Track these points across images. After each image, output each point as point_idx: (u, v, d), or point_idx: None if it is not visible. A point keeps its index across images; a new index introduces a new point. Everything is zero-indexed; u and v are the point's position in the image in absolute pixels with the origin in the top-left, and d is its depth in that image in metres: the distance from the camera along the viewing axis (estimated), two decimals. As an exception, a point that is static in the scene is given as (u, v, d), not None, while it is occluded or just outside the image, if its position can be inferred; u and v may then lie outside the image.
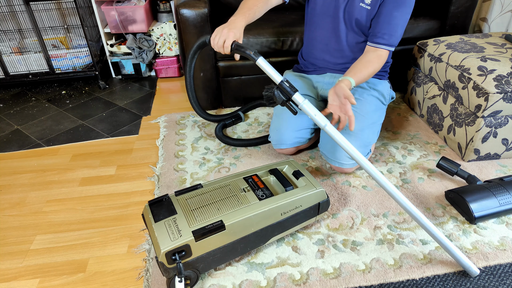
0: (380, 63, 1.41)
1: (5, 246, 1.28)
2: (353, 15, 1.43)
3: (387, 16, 1.37)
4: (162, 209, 1.08)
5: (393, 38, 1.39)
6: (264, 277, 1.13)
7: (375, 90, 1.54)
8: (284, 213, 1.13)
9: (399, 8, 1.35)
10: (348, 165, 1.45)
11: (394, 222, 1.31)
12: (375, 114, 1.50)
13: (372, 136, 1.48)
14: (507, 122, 1.46)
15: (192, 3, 1.72)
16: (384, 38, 1.38)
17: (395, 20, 1.36)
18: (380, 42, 1.39)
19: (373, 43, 1.41)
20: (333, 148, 1.45)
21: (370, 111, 1.48)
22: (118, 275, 1.16)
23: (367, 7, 1.40)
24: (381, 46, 1.39)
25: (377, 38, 1.39)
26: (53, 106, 2.18)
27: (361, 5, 1.40)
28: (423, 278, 1.11)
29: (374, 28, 1.40)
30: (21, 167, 1.66)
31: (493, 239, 1.23)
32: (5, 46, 2.27)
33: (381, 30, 1.38)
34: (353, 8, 1.42)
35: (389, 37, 1.38)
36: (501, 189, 1.29)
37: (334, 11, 1.47)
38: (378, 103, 1.53)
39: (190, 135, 1.83)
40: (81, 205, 1.44)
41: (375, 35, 1.40)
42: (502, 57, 1.51)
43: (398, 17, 1.36)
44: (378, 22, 1.38)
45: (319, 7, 1.50)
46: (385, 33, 1.38)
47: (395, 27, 1.37)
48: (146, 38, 2.35)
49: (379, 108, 1.54)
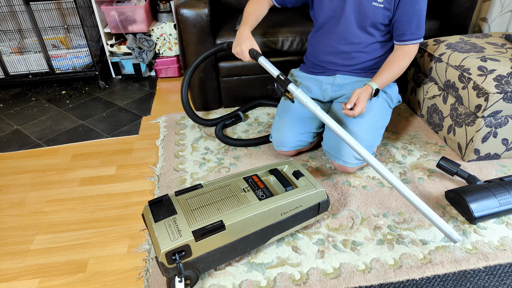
0: (408, 58, 1.41)
1: (5, 246, 1.28)
2: (367, 16, 1.38)
3: (409, 13, 1.34)
4: (162, 209, 1.08)
5: (419, 30, 1.37)
6: (264, 277, 1.13)
7: (384, 93, 1.50)
8: (284, 213, 1.13)
9: (419, 1, 1.33)
10: (352, 164, 1.44)
11: (394, 222, 1.31)
12: (382, 118, 1.49)
13: (376, 138, 1.47)
14: (507, 122, 1.46)
15: (192, 3, 1.72)
16: (412, 34, 1.37)
17: (419, 14, 1.34)
18: (407, 39, 1.38)
19: (401, 42, 1.40)
20: (337, 146, 1.44)
21: (378, 115, 1.46)
22: (118, 275, 1.16)
23: (380, 5, 1.35)
24: (408, 43, 1.39)
25: (404, 36, 1.38)
26: (53, 106, 2.18)
27: (373, 5, 1.36)
28: (423, 278, 1.11)
29: (398, 28, 1.38)
30: (21, 167, 1.66)
31: (493, 239, 1.23)
32: (5, 46, 2.27)
33: (407, 29, 1.36)
34: (365, 9, 1.38)
35: (416, 31, 1.37)
36: (501, 189, 1.29)
37: (342, 14, 1.42)
38: (386, 107, 1.51)
39: (190, 135, 1.83)
40: (81, 205, 1.44)
41: (401, 35, 1.39)
42: (502, 57, 1.51)
43: (420, 9, 1.34)
44: (402, 21, 1.36)
45: (325, 11, 1.45)
46: (412, 29, 1.36)
47: (420, 20, 1.35)
48: (146, 38, 2.35)
49: (386, 113, 1.52)
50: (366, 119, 1.43)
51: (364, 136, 1.41)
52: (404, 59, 1.41)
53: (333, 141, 1.46)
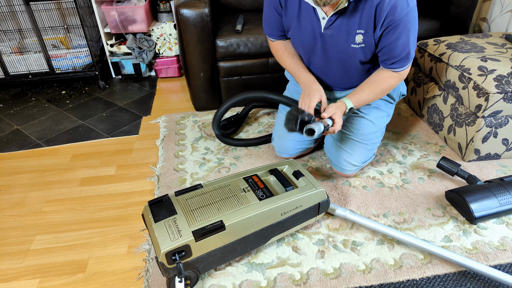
0: (398, 79, 1.30)
1: (5, 246, 1.27)
2: (346, 58, 1.29)
3: (394, 43, 1.20)
4: (162, 209, 1.08)
5: (407, 58, 1.24)
6: (264, 277, 1.13)
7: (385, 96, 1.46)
8: (284, 213, 1.13)
9: (404, 30, 1.17)
10: (349, 171, 1.45)
11: (394, 222, 1.31)
12: (383, 119, 1.47)
13: (378, 140, 1.47)
14: (507, 122, 1.46)
15: (192, 3, 1.72)
16: (396, 63, 1.25)
17: (405, 41, 1.20)
18: (393, 68, 1.27)
19: (385, 68, 1.29)
20: (336, 153, 1.44)
21: (379, 117, 1.45)
22: (118, 275, 1.16)
23: (360, 45, 1.24)
24: (396, 70, 1.27)
25: (389, 65, 1.27)
26: (53, 106, 2.18)
27: (352, 46, 1.25)
28: (423, 278, 1.11)
29: (383, 55, 1.26)
30: (21, 167, 1.66)
31: (494, 239, 1.23)
32: (5, 46, 2.27)
33: (391, 57, 1.24)
34: (343, 50, 1.27)
35: (403, 60, 1.24)
36: (501, 189, 1.29)
37: (318, 52, 1.33)
38: (387, 107, 1.48)
39: (190, 135, 1.83)
40: (81, 205, 1.44)
41: (385, 62, 1.27)
42: (502, 57, 1.51)
43: (407, 37, 1.19)
44: (385, 52, 1.23)
45: (301, 46, 1.37)
46: (396, 57, 1.23)
47: (405, 48, 1.21)
48: (146, 38, 2.35)
49: (388, 113, 1.49)
50: (369, 124, 1.42)
51: (367, 139, 1.42)
52: (393, 79, 1.29)
53: (333, 148, 1.46)
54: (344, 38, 1.25)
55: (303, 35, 1.32)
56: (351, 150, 1.41)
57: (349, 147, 1.42)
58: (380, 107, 1.46)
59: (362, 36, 1.22)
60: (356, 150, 1.41)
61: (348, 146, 1.42)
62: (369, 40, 1.23)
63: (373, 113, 1.44)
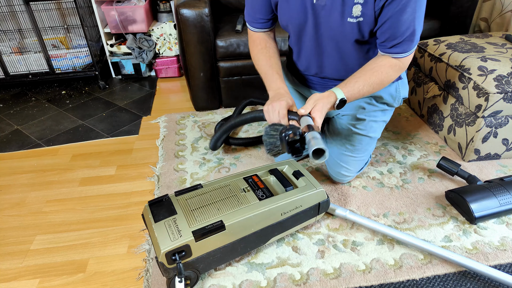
0: (396, 71, 1.13)
1: (5, 246, 1.27)
2: (340, 37, 1.14)
3: (397, 16, 1.03)
4: (162, 209, 1.08)
5: (411, 40, 1.08)
6: (264, 277, 1.13)
7: (382, 104, 1.36)
8: (284, 213, 1.13)
9: (410, 2, 1.01)
10: (344, 180, 1.44)
11: (394, 222, 1.30)
12: (380, 127, 1.39)
13: (374, 146, 1.44)
14: (507, 122, 1.46)
15: (192, 3, 1.72)
16: (398, 45, 1.08)
17: (411, 17, 1.04)
18: (394, 52, 1.11)
19: (383, 52, 1.13)
20: (335, 168, 1.42)
21: (376, 129, 1.38)
22: (118, 275, 1.16)
23: (358, 19, 1.08)
24: (396, 56, 1.12)
25: (389, 48, 1.10)
26: (53, 106, 2.18)
27: (349, 21, 1.09)
28: (423, 278, 1.11)
29: (383, 34, 1.09)
30: (21, 167, 1.66)
31: (494, 239, 1.23)
32: (5, 46, 2.27)
33: (392, 37, 1.07)
34: (337, 27, 1.11)
35: (406, 41, 1.08)
36: (501, 189, 1.29)
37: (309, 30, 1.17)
38: (386, 115, 1.39)
39: (190, 135, 1.83)
40: (81, 205, 1.44)
41: (384, 44, 1.11)
42: (502, 57, 1.50)
43: (414, 11, 1.03)
44: (386, 28, 1.07)
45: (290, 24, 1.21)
46: (399, 37, 1.07)
47: (410, 25, 1.05)
48: (146, 38, 2.35)
49: (386, 120, 1.40)
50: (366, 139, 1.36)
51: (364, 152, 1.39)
52: (393, 68, 1.12)
53: (331, 162, 1.43)
54: (339, 10, 1.08)
55: (291, 9, 1.16)
56: (349, 165, 1.39)
57: (347, 163, 1.39)
58: (377, 118, 1.36)
59: (360, 7, 1.06)
60: (353, 165, 1.40)
61: (346, 162, 1.38)
62: (368, 12, 1.06)
63: (370, 128, 1.36)
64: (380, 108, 1.36)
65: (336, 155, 1.40)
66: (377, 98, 1.35)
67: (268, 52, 1.26)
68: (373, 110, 1.36)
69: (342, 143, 1.38)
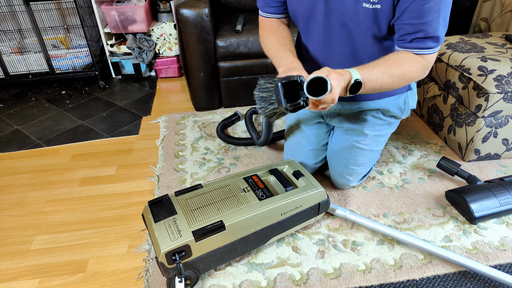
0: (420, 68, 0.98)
1: (5, 246, 1.27)
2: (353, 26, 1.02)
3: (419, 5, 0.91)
4: (162, 209, 1.08)
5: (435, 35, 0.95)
6: (264, 278, 1.13)
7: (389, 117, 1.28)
8: (284, 213, 1.13)
9: None
10: (346, 187, 1.44)
11: (395, 222, 1.30)
12: (383, 141, 1.35)
13: (377, 158, 1.41)
14: (507, 122, 1.46)
15: (192, 3, 1.72)
16: (421, 41, 0.95)
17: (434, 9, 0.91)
18: (414, 47, 0.97)
19: (403, 48, 1.00)
20: (338, 179, 1.40)
21: (380, 142, 1.34)
22: (118, 275, 1.16)
23: (374, 6, 0.96)
24: (418, 52, 0.98)
25: (409, 43, 0.97)
26: (53, 106, 2.18)
27: (364, 6, 0.97)
28: (423, 279, 1.11)
29: (400, 29, 0.97)
30: (21, 167, 1.66)
31: (494, 239, 1.23)
32: (5, 46, 2.27)
33: (414, 29, 0.94)
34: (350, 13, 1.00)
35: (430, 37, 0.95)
36: (501, 189, 1.29)
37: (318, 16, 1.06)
38: (391, 128, 1.33)
39: (190, 135, 1.83)
40: (81, 205, 1.44)
41: (403, 39, 0.98)
42: (502, 57, 1.50)
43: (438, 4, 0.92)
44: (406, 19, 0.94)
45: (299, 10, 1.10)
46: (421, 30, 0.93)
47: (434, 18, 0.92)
48: (146, 38, 2.35)
49: (389, 133, 1.35)
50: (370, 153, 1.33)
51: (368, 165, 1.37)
52: (416, 63, 0.97)
53: (334, 172, 1.41)
54: None
55: None
56: (351, 176, 1.37)
57: (350, 175, 1.37)
58: (382, 133, 1.30)
59: None
60: (356, 176, 1.39)
61: (348, 174, 1.37)
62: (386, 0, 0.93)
63: (374, 142, 1.31)
64: (386, 121, 1.28)
65: (339, 168, 1.38)
66: (385, 111, 1.26)
67: (281, 33, 1.13)
68: (380, 124, 1.28)
69: (345, 158, 1.34)
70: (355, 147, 1.31)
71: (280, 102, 0.87)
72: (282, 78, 0.86)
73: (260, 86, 0.96)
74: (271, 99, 0.92)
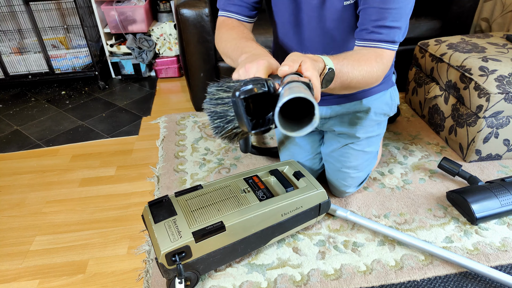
0: (380, 67, 0.91)
1: (4, 247, 1.27)
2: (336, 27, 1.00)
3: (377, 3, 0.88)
4: (162, 210, 1.08)
5: (395, 30, 0.90)
6: (265, 278, 1.12)
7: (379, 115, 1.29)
8: (284, 214, 1.13)
9: None
10: (345, 194, 1.40)
11: (395, 223, 1.30)
12: (376, 141, 1.34)
13: (374, 162, 1.40)
14: (508, 122, 1.46)
15: (192, 3, 1.72)
16: (383, 29, 0.90)
17: (394, 4, 0.87)
18: (375, 39, 0.91)
19: (364, 41, 0.93)
20: (335, 187, 1.38)
21: (372, 143, 1.32)
22: (118, 276, 1.15)
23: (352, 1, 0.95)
24: (379, 45, 0.91)
25: (370, 34, 0.91)
26: (53, 106, 2.18)
27: (345, 4, 0.95)
28: (424, 279, 1.11)
29: (364, 19, 0.92)
30: (20, 168, 1.66)
31: (495, 240, 1.22)
32: (5, 46, 2.27)
33: (374, 16, 0.89)
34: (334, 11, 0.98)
35: (389, 28, 0.90)
36: (502, 190, 1.29)
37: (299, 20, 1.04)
38: (380, 127, 1.33)
39: (190, 136, 1.82)
40: (81, 206, 1.43)
41: (366, 28, 0.92)
42: (503, 57, 1.50)
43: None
44: (368, 11, 0.90)
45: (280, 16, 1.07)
46: (381, 18, 0.89)
47: (398, 13, 0.88)
48: (146, 38, 2.34)
49: (381, 133, 1.35)
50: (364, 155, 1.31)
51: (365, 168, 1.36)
52: (377, 61, 0.91)
53: (330, 179, 1.39)
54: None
55: None
56: (346, 181, 1.35)
57: (344, 179, 1.35)
58: (373, 134, 1.31)
59: None
60: (351, 181, 1.36)
61: (343, 179, 1.35)
62: None
63: (365, 143, 1.31)
64: (376, 121, 1.29)
65: (333, 173, 1.36)
66: (375, 110, 1.27)
67: (243, 31, 1.00)
68: (370, 125, 1.29)
69: (338, 160, 1.34)
70: (346, 147, 1.32)
71: (242, 120, 0.61)
72: (242, 84, 0.61)
73: (211, 95, 0.69)
74: (227, 115, 0.66)
